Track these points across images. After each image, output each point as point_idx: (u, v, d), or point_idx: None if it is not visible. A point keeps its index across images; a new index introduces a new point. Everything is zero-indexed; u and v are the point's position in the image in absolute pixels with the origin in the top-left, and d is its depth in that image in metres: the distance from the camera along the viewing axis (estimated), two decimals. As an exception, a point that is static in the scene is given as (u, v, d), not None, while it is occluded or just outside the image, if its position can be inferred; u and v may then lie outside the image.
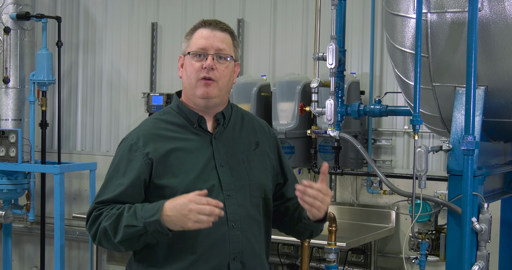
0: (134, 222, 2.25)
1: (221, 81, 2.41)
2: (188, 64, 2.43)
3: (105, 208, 2.35)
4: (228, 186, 2.41)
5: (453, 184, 3.04)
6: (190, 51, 2.42)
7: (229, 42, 2.45)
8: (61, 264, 5.55)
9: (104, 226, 2.31)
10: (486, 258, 3.02)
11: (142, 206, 2.29)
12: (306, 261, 4.20)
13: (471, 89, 2.88)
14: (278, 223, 2.61)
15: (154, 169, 2.37)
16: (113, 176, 2.41)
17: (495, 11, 2.94)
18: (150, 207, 2.26)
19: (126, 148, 2.42)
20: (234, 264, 2.39)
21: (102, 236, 2.34)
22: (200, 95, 2.41)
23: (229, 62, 2.43)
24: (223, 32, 2.44)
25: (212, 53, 2.40)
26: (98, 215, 2.35)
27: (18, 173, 5.80)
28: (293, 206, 2.56)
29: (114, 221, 2.29)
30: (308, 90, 4.33)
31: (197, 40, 2.42)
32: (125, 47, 6.33)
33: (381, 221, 5.06)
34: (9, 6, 5.80)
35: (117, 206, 2.33)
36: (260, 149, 2.54)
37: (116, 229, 2.29)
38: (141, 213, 2.25)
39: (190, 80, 2.42)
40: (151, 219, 2.23)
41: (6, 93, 5.81)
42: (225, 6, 5.84)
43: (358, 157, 5.05)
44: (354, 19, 5.23)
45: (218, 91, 2.42)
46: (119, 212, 2.30)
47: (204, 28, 2.44)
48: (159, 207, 2.23)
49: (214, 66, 2.39)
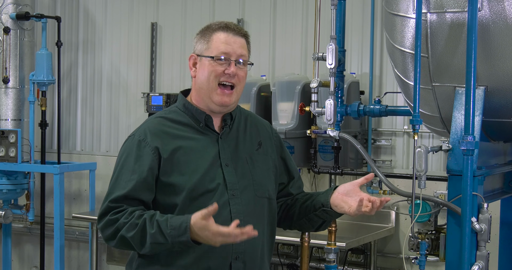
0: (162, 239, 2.26)
1: (240, 86, 2.46)
2: (209, 66, 2.43)
3: (120, 213, 2.33)
4: (233, 186, 2.42)
5: (452, 184, 3.04)
6: (213, 56, 2.43)
7: (246, 46, 2.49)
8: (60, 264, 5.55)
9: (125, 236, 2.31)
10: (485, 258, 3.02)
11: (166, 221, 2.26)
12: (306, 261, 4.20)
13: (471, 89, 2.88)
14: (283, 217, 2.62)
15: (161, 166, 2.38)
16: (123, 173, 2.40)
17: (495, 11, 2.94)
18: (177, 225, 2.24)
19: (135, 144, 2.42)
20: (236, 263, 2.40)
21: (120, 244, 2.35)
22: (218, 102, 2.44)
23: (247, 66, 2.48)
24: (242, 37, 2.48)
25: (234, 59, 2.43)
26: (114, 220, 2.33)
27: (17, 173, 5.80)
28: (303, 197, 2.59)
29: (139, 235, 2.28)
30: (308, 90, 4.34)
31: (219, 44, 2.43)
32: (125, 47, 6.33)
33: (380, 221, 5.06)
34: (9, 6, 5.80)
35: (135, 212, 2.31)
36: (262, 149, 2.56)
37: (142, 244, 2.29)
38: (168, 230, 2.24)
39: (209, 83, 2.44)
40: (180, 239, 2.23)
41: (6, 93, 5.81)
42: (225, 6, 5.84)
43: (358, 157, 5.06)
44: (354, 19, 5.23)
45: (236, 97, 2.47)
46: (141, 225, 2.28)
47: (224, 32, 2.45)
48: (187, 227, 2.22)
49: (236, 72, 2.43)
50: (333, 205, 2.47)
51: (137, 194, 2.36)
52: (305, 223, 2.60)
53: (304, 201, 2.58)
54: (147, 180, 2.36)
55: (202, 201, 2.36)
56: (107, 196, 2.39)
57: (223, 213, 2.37)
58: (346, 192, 2.47)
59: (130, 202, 2.36)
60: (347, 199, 2.45)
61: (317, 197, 2.54)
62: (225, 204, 2.39)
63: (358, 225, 5.01)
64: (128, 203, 2.35)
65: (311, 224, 2.60)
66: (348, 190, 2.47)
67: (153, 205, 2.41)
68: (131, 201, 2.36)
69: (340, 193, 2.48)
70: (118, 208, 2.34)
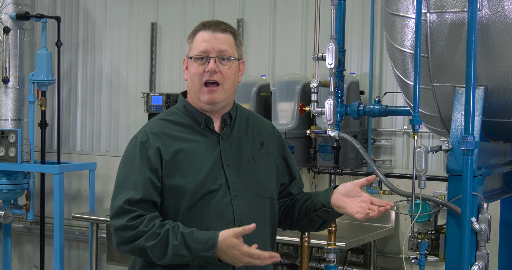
0: (185, 252, 2.25)
1: (226, 83, 2.42)
2: (191, 68, 2.43)
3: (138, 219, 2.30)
4: (235, 187, 2.42)
5: (452, 184, 3.04)
6: (192, 56, 2.42)
7: (230, 42, 2.44)
8: (60, 264, 5.55)
9: (144, 245, 2.29)
10: (485, 258, 3.02)
11: (191, 234, 2.25)
12: (306, 261, 4.20)
13: (471, 89, 2.88)
14: (283, 217, 2.62)
15: (163, 168, 2.37)
16: (129, 174, 2.38)
17: (495, 11, 2.94)
18: (204, 240, 2.24)
19: (137, 146, 2.41)
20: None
21: (136, 251, 2.33)
22: (206, 101, 2.42)
23: (232, 62, 2.44)
24: (224, 33, 2.44)
25: (214, 56, 2.40)
26: (132, 227, 2.30)
27: (17, 173, 5.80)
28: (303, 197, 2.59)
29: (160, 246, 2.26)
30: (308, 90, 4.34)
31: (198, 44, 2.42)
32: (125, 47, 6.33)
33: (380, 221, 5.06)
34: (9, 6, 5.80)
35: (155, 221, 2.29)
36: (264, 148, 2.56)
37: (163, 255, 2.27)
38: (193, 244, 2.24)
39: (194, 84, 2.43)
40: (205, 254, 2.23)
41: (6, 93, 5.81)
42: (225, 6, 5.84)
43: (358, 157, 5.05)
44: (354, 19, 5.22)
45: (224, 94, 2.43)
46: (163, 235, 2.26)
47: (204, 31, 2.44)
48: (214, 243, 2.22)
49: (217, 69, 2.40)
50: (335, 206, 2.47)
51: (150, 196, 2.34)
52: (306, 224, 2.60)
53: (304, 202, 2.57)
54: (153, 180, 2.36)
55: (205, 202, 2.37)
56: (117, 196, 2.36)
57: (226, 214, 2.38)
58: (346, 192, 2.46)
59: (144, 205, 2.34)
60: (348, 200, 2.45)
61: (317, 197, 2.54)
62: (228, 204, 2.39)
63: (358, 225, 5.01)
64: (142, 206, 2.33)
65: (311, 224, 2.60)
66: (349, 190, 2.47)
67: None
68: (145, 203, 2.34)
69: (340, 194, 2.47)
70: (134, 213, 2.31)
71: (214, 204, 2.37)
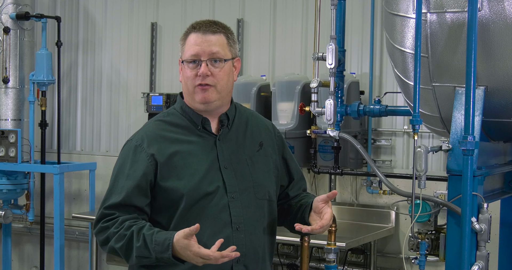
0: (147, 254, 2.26)
1: (219, 84, 2.39)
2: (184, 71, 2.41)
3: (111, 221, 2.33)
4: (233, 188, 2.40)
5: (452, 184, 3.04)
6: (184, 59, 2.40)
7: (222, 43, 2.41)
8: (60, 264, 5.55)
9: (113, 246, 2.32)
10: (485, 258, 3.02)
11: (151, 235, 2.26)
12: (306, 261, 4.20)
13: (471, 89, 2.88)
14: (281, 220, 2.61)
15: (159, 171, 2.36)
16: (118, 179, 2.40)
17: (495, 11, 2.94)
18: (160, 241, 2.23)
19: (131, 149, 2.41)
20: (237, 266, 2.39)
21: (112, 251, 2.36)
22: (199, 100, 2.40)
23: (225, 63, 2.40)
24: (215, 34, 2.40)
25: (206, 59, 2.37)
26: (105, 227, 2.34)
27: (17, 173, 5.80)
28: (296, 205, 2.56)
29: (125, 247, 2.29)
30: (308, 90, 4.34)
31: (189, 47, 2.40)
32: (125, 47, 6.33)
33: (380, 221, 5.06)
34: (9, 6, 5.80)
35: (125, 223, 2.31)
36: (263, 149, 2.53)
37: (129, 256, 2.30)
38: (152, 245, 2.24)
39: (187, 86, 2.41)
40: (162, 255, 2.23)
41: (6, 93, 5.81)
42: (225, 6, 5.84)
43: (358, 157, 5.05)
44: (354, 19, 5.22)
45: (217, 95, 2.40)
46: (128, 236, 2.28)
47: (195, 33, 2.41)
48: (169, 244, 2.21)
49: (209, 72, 2.37)
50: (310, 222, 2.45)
51: (130, 200, 2.35)
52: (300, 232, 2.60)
53: (295, 212, 2.54)
54: (141, 185, 2.35)
55: (202, 204, 2.36)
56: (103, 202, 2.39)
57: (223, 216, 2.37)
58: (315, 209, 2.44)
59: (124, 208, 2.35)
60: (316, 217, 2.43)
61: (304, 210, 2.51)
62: (225, 207, 2.38)
63: (358, 225, 5.01)
64: (122, 210, 2.34)
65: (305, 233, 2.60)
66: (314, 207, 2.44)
67: (154, 210, 2.40)
68: (125, 207, 2.35)
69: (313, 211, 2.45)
70: (111, 216, 2.34)
71: (211, 207, 2.36)
